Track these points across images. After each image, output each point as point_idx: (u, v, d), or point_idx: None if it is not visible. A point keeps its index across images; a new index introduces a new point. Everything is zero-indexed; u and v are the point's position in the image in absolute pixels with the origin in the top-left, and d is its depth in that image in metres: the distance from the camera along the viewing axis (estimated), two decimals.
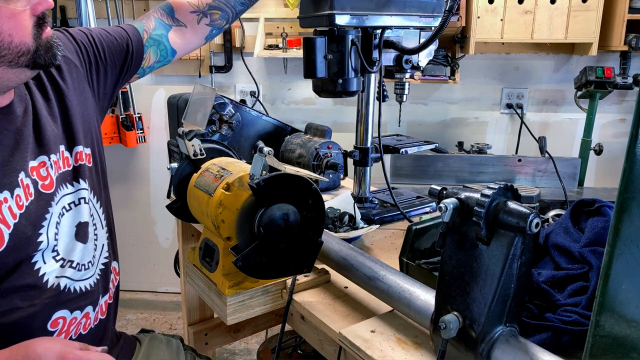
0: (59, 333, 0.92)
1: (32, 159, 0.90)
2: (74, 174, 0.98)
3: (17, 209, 0.86)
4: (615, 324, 0.53)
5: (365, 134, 1.41)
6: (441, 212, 0.71)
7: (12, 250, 0.85)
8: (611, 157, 2.57)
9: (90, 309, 0.99)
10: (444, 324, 0.72)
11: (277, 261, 0.96)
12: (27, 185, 0.88)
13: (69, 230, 0.95)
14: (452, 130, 2.72)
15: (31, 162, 0.90)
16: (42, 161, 0.92)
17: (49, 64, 0.88)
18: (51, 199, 0.92)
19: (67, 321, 0.94)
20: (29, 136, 0.91)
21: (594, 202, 0.99)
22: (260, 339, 2.45)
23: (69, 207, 0.96)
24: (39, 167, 0.91)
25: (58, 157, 0.95)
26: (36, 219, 0.88)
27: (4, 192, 0.84)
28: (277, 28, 2.53)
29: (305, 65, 1.20)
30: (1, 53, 0.80)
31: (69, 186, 0.97)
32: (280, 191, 0.93)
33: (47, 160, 0.93)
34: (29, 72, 0.87)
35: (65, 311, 0.93)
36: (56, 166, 0.94)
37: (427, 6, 1.28)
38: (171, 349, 1.23)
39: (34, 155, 0.91)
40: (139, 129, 2.65)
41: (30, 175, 0.89)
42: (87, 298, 0.98)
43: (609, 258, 0.52)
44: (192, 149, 1.16)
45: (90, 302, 0.99)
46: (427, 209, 1.48)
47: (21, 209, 0.86)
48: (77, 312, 0.95)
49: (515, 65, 2.61)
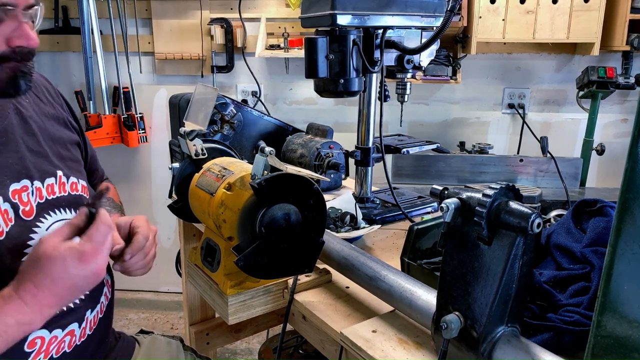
0: (37, 354, 0.86)
1: (14, 181, 0.86)
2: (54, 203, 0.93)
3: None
4: (617, 324, 0.53)
5: (367, 134, 1.41)
6: (442, 212, 0.71)
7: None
8: (613, 157, 2.57)
9: (75, 326, 0.93)
10: (445, 324, 0.72)
11: (279, 261, 0.96)
12: (6, 210, 0.83)
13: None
14: (453, 130, 2.72)
15: (14, 184, 0.86)
16: (25, 185, 0.87)
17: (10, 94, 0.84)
18: (33, 226, 0.87)
19: (45, 341, 0.87)
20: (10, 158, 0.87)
21: (595, 202, 0.99)
22: (261, 339, 2.45)
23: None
24: (21, 191, 0.86)
25: (40, 185, 0.91)
26: (17, 244, 0.84)
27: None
28: (279, 28, 2.53)
29: (306, 65, 1.20)
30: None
31: (59, 212, 0.93)
32: (282, 191, 0.93)
33: (29, 184, 0.88)
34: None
35: (44, 331, 0.86)
36: (38, 193, 0.90)
37: (429, 6, 1.28)
38: (171, 350, 1.22)
39: (16, 178, 0.87)
40: (140, 129, 2.65)
41: (11, 198, 0.85)
42: (71, 316, 0.92)
43: (610, 258, 0.52)
44: (193, 149, 1.16)
45: (76, 319, 0.93)
46: (429, 209, 1.48)
47: (1, 235, 0.81)
48: (57, 330, 0.89)
49: (517, 65, 2.61)
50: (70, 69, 2.72)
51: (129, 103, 2.64)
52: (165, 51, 2.62)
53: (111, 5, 2.50)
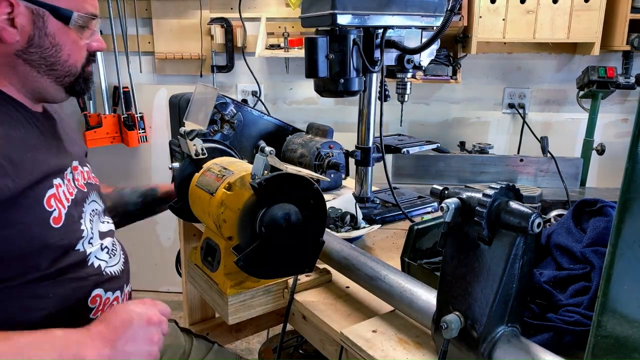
0: (96, 311, 0.98)
1: (71, 159, 1.01)
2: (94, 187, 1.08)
3: (69, 195, 0.95)
4: (617, 324, 0.53)
5: (367, 134, 1.41)
6: (443, 212, 0.71)
7: (65, 231, 0.92)
8: (613, 157, 2.57)
9: (118, 293, 1.04)
10: (445, 324, 0.72)
11: (279, 261, 0.96)
12: (69, 180, 0.98)
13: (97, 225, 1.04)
14: (453, 130, 2.71)
15: (72, 161, 1.01)
16: (76, 166, 1.03)
17: (81, 93, 1.01)
18: (86, 197, 1.02)
19: (102, 299, 0.99)
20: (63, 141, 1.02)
21: (596, 202, 0.99)
22: (261, 339, 2.45)
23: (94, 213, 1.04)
24: (75, 169, 1.01)
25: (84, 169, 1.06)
26: (79, 209, 0.98)
27: (57, 178, 0.93)
28: (279, 28, 2.53)
29: (307, 65, 1.20)
30: (55, 67, 0.94)
31: (92, 195, 1.06)
32: (282, 191, 0.93)
33: (78, 166, 1.04)
34: (63, 95, 0.99)
35: (101, 290, 0.99)
36: (82, 175, 1.05)
37: (429, 6, 1.28)
38: (168, 332, 1.24)
39: (71, 158, 1.02)
40: (140, 129, 2.65)
41: (70, 172, 1.00)
42: (117, 282, 1.04)
43: (611, 258, 0.52)
44: (193, 149, 1.16)
45: (118, 286, 1.04)
46: (429, 209, 1.48)
47: (72, 195, 0.96)
48: (109, 293, 1.01)
49: (517, 65, 2.61)
50: None
51: (129, 103, 2.64)
52: (165, 51, 2.62)
53: (111, 5, 2.50)
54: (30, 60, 0.91)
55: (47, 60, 0.92)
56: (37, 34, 0.90)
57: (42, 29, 0.90)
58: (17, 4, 0.86)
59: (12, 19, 0.87)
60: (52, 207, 0.90)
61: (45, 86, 0.95)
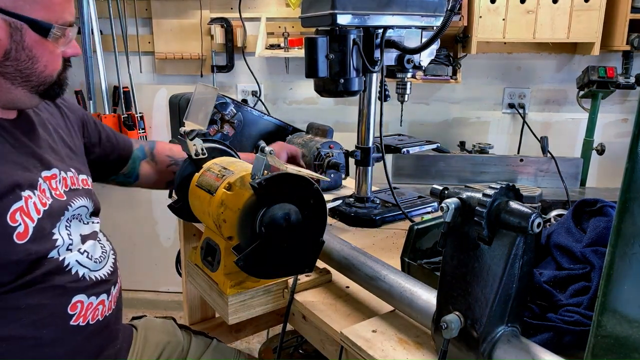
0: (77, 317, 0.98)
1: (46, 169, 0.98)
2: (78, 191, 1.06)
3: (41, 206, 0.93)
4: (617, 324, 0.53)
5: (367, 134, 1.41)
6: (443, 212, 0.71)
7: (33, 246, 0.90)
8: (613, 157, 2.57)
9: (105, 297, 1.04)
10: (445, 324, 0.72)
11: (279, 261, 0.96)
12: (44, 190, 0.95)
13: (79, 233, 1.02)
14: (453, 130, 2.71)
15: (45, 172, 0.98)
16: (54, 174, 1.00)
17: (55, 97, 0.99)
18: (65, 205, 0.99)
19: (84, 305, 0.99)
20: (40, 148, 0.99)
21: (596, 202, 0.99)
22: (261, 339, 2.45)
23: (75, 219, 1.02)
24: (51, 178, 0.98)
25: (65, 175, 1.03)
26: (54, 219, 0.95)
27: (26, 190, 0.91)
28: (279, 27, 2.53)
29: (306, 64, 1.20)
30: (30, 77, 0.91)
31: (78, 200, 1.04)
32: (282, 191, 0.93)
33: (57, 173, 1.00)
34: (37, 100, 0.97)
35: (82, 295, 0.99)
36: (64, 182, 1.02)
37: (429, 6, 1.28)
38: (167, 329, 1.26)
39: (48, 166, 0.99)
40: (140, 129, 2.65)
41: (45, 181, 0.97)
42: (103, 286, 1.04)
43: (610, 258, 0.52)
44: (193, 149, 1.16)
45: (105, 290, 1.04)
46: (429, 209, 1.48)
47: (45, 206, 0.93)
48: (93, 297, 1.01)
49: (518, 65, 2.61)
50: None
51: (129, 103, 2.64)
52: (165, 51, 2.62)
53: (111, 5, 2.50)
54: (5, 72, 0.88)
55: (22, 72, 0.90)
56: (14, 48, 0.86)
57: (19, 42, 0.87)
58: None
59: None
60: (16, 221, 0.87)
61: (19, 96, 0.93)
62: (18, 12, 0.85)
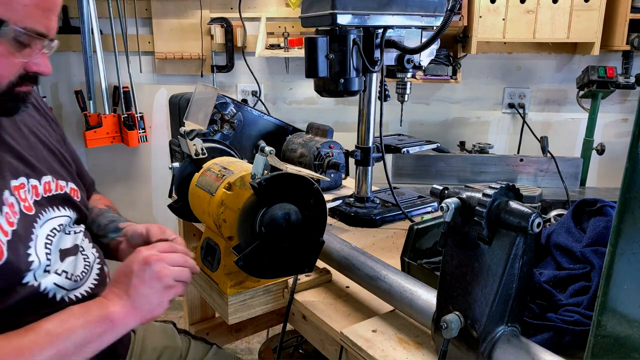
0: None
1: (12, 178, 0.89)
2: (52, 201, 0.96)
3: (8, 225, 0.84)
4: (617, 324, 0.53)
5: (367, 134, 1.41)
6: (443, 211, 0.71)
7: (8, 267, 0.82)
8: (613, 157, 2.57)
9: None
10: (445, 324, 0.72)
11: (279, 261, 0.96)
12: (12, 204, 0.86)
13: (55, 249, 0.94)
14: (454, 130, 2.71)
15: (12, 181, 0.88)
16: (22, 183, 0.90)
17: (9, 113, 0.87)
18: (34, 220, 0.90)
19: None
20: (5, 157, 0.90)
21: (595, 202, 0.99)
22: (261, 339, 2.45)
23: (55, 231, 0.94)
24: (19, 188, 0.89)
25: (37, 183, 0.94)
26: (26, 236, 0.87)
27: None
28: (279, 27, 2.53)
29: (307, 64, 1.20)
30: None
31: (53, 210, 0.95)
32: (282, 191, 0.93)
33: (25, 182, 0.91)
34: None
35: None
36: (34, 190, 0.92)
37: (429, 6, 1.28)
38: (166, 333, 1.25)
39: (14, 175, 0.89)
40: (140, 129, 2.65)
41: (14, 193, 0.87)
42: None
43: (610, 258, 0.52)
44: (193, 149, 1.16)
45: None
46: (429, 209, 1.48)
47: (12, 226, 0.85)
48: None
49: (518, 64, 2.61)
50: (71, 68, 2.72)
51: (129, 103, 2.64)
52: (166, 51, 2.62)
53: (111, 5, 2.50)
54: None
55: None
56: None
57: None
58: None
59: None
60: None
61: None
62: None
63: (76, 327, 0.80)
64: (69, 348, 0.79)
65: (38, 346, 0.76)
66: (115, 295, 0.86)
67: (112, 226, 1.11)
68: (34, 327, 0.79)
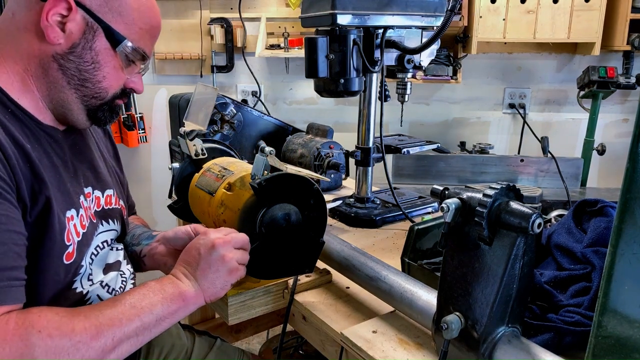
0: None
1: (84, 185, 0.96)
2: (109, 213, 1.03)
3: (81, 228, 0.91)
4: (617, 324, 0.53)
5: (367, 134, 1.41)
6: (443, 212, 0.71)
7: (73, 266, 0.88)
8: (614, 157, 2.56)
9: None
10: (445, 325, 0.71)
11: (279, 261, 0.96)
12: (87, 207, 0.94)
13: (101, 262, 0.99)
14: (454, 130, 2.71)
15: (85, 188, 0.96)
16: (89, 192, 0.97)
17: (103, 122, 0.96)
18: (95, 229, 0.96)
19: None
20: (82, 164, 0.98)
21: (596, 202, 0.99)
22: (261, 339, 2.45)
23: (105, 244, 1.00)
24: (87, 196, 0.96)
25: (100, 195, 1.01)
26: (86, 243, 0.93)
27: (71, 210, 0.89)
28: (279, 28, 2.53)
29: (307, 65, 1.20)
30: (86, 83, 0.89)
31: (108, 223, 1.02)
32: (282, 191, 0.92)
33: (91, 192, 0.98)
34: (84, 118, 0.93)
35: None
36: (97, 201, 1.00)
37: (429, 6, 1.28)
38: (170, 332, 1.25)
39: (85, 183, 0.97)
40: (140, 129, 2.65)
41: (87, 199, 0.95)
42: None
43: (611, 258, 0.52)
44: (193, 149, 1.16)
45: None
46: (429, 209, 1.48)
47: (84, 229, 0.91)
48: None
49: (518, 65, 2.61)
50: None
51: (129, 103, 2.64)
52: (165, 51, 2.62)
53: None
54: (65, 67, 0.87)
55: (81, 73, 0.88)
56: (81, 44, 0.86)
57: (89, 41, 0.86)
58: (75, 11, 0.83)
59: (64, 23, 0.83)
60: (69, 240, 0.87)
61: (69, 100, 0.90)
62: (99, 16, 0.86)
63: (156, 302, 0.83)
64: (151, 321, 0.82)
65: (126, 318, 0.79)
66: (184, 276, 0.89)
67: (145, 234, 1.15)
68: (119, 299, 0.82)
